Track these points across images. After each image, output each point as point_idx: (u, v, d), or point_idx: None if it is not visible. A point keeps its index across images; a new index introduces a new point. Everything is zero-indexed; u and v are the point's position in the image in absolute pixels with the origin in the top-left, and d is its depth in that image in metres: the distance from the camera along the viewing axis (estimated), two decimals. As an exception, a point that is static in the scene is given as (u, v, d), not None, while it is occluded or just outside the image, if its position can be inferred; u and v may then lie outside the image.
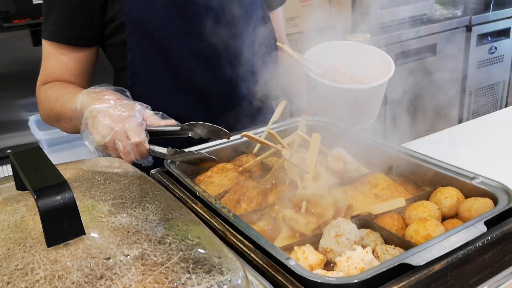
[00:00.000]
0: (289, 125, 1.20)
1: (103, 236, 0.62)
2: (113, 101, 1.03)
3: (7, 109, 2.43)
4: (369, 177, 0.94)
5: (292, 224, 0.80)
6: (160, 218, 0.67)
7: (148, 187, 0.78)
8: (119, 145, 1.00)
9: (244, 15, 1.30)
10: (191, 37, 1.24)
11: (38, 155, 0.69)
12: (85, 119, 1.04)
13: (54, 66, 1.27)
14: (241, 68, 1.32)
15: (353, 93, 1.12)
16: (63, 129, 1.27)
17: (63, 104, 1.17)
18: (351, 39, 3.18)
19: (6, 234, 0.63)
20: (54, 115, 1.22)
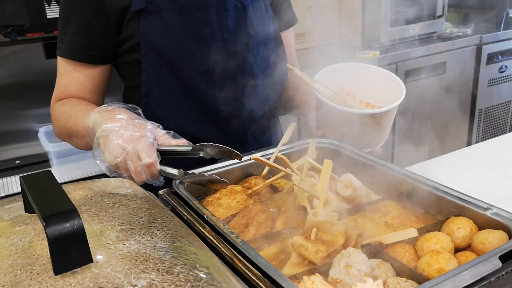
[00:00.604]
0: (298, 147, 1.19)
1: (111, 264, 0.61)
2: (125, 120, 1.03)
3: (18, 119, 2.44)
4: (380, 205, 0.93)
5: (301, 251, 0.79)
6: (168, 246, 0.67)
7: (157, 212, 0.77)
8: (131, 165, 0.99)
9: (257, 37, 1.30)
10: (206, 60, 1.24)
11: (48, 180, 0.69)
12: (97, 138, 1.03)
13: (69, 83, 1.28)
14: (252, 90, 1.32)
15: (363, 117, 1.12)
16: (75, 146, 1.28)
17: (76, 121, 1.17)
18: (360, 56, 3.19)
19: (14, 259, 0.63)
20: (67, 132, 1.23)
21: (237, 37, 1.27)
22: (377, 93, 1.21)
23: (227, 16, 1.25)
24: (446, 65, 3.51)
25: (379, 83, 1.24)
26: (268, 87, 1.36)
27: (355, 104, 1.20)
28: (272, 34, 1.38)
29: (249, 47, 1.30)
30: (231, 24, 1.26)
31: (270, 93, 1.38)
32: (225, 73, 1.27)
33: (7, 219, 0.74)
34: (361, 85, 1.24)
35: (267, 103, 1.39)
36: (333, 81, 1.22)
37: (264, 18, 1.34)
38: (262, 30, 1.33)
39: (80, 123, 1.15)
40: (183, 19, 1.21)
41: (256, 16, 1.31)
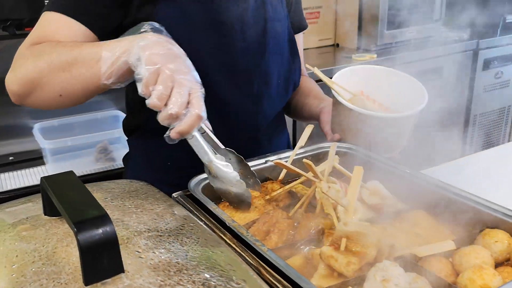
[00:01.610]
0: (313, 151, 1.16)
1: (143, 275, 0.58)
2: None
3: (12, 115, 2.39)
4: (409, 214, 0.90)
5: (331, 263, 0.76)
6: (201, 256, 0.63)
7: (182, 217, 0.73)
8: (178, 99, 0.89)
9: (274, 35, 1.27)
10: (223, 52, 1.20)
11: (72, 181, 0.65)
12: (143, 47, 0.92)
13: (61, 29, 1.08)
14: (267, 87, 1.29)
15: (384, 121, 1.09)
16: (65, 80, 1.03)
17: (93, 46, 1.00)
18: (357, 59, 3.17)
19: (38, 267, 0.59)
20: (64, 62, 1.01)
21: (255, 31, 1.24)
22: (397, 97, 1.19)
23: (247, 8, 1.22)
24: (442, 70, 3.51)
25: (399, 87, 1.21)
26: (282, 87, 1.33)
27: (374, 108, 1.17)
28: (288, 34, 1.35)
29: (266, 43, 1.27)
30: (250, 17, 1.23)
31: (283, 93, 1.35)
32: (241, 67, 1.24)
33: (26, 222, 0.70)
34: (380, 89, 1.21)
35: (281, 103, 1.37)
36: (351, 83, 1.20)
37: (282, 17, 1.32)
38: (279, 29, 1.30)
39: (100, 46, 0.99)
40: (201, 7, 1.17)
41: (275, 13, 1.28)
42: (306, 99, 1.42)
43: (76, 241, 0.54)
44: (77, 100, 1.06)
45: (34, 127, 2.34)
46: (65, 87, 1.03)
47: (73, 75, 1.01)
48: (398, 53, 3.36)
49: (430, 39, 3.56)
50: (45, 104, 1.09)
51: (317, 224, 0.87)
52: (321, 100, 1.37)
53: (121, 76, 0.97)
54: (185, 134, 0.93)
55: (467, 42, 3.60)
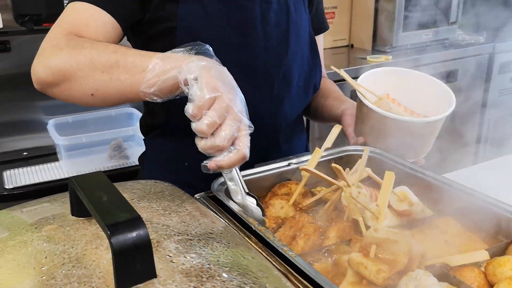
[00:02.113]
0: (336, 154, 1.14)
1: (175, 281, 0.56)
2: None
3: (27, 110, 2.39)
4: (438, 221, 0.89)
5: (360, 270, 0.74)
6: (233, 261, 0.62)
7: (210, 221, 0.72)
8: (227, 131, 0.86)
9: (296, 36, 1.26)
10: (244, 51, 1.19)
11: (102, 182, 0.64)
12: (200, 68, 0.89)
13: (93, 20, 1.06)
14: (287, 88, 1.27)
15: (411, 125, 1.07)
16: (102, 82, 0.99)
17: (139, 54, 0.98)
18: (372, 60, 3.15)
19: (69, 269, 0.58)
20: (105, 63, 0.98)
21: (277, 31, 1.23)
22: (423, 100, 1.17)
23: (269, 8, 1.20)
24: (458, 73, 3.48)
25: (425, 90, 1.19)
26: (302, 89, 1.32)
27: (399, 111, 1.15)
28: (308, 36, 1.34)
29: (288, 44, 1.25)
30: (273, 17, 1.21)
31: (304, 95, 1.33)
32: (262, 67, 1.22)
33: (53, 222, 0.69)
34: (405, 91, 1.19)
35: (301, 105, 1.35)
36: (376, 85, 1.18)
37: (304, 18, 1.30)
38: (301, 30, 1.29)
39: (148, 55, 0.95)
40: (224, 6, 1.16)
41: (297, 14, 1.27)
42: (326, 101, 1.41)
43: (109, 244, 0.53)
44: (107, 103, 1.03)
45: (48, 123, 2.33)
46: (99, 88, 1.00)
47: (112, 78, 0.97)
48: (413, 55, 3.34)
49: (446, 42, 3.53)
50: (72, 98, 1.05)
51: (344, 230, 0.86)
52: (342, 101, 1.36)
53: (164, 89, 0.92)
54: (224, 169, 0.90)
55: (483, 46, 3.57)
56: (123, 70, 0.96)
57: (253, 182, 1.05)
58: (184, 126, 1.08)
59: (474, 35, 3.76)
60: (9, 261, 0.61)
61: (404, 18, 3.27)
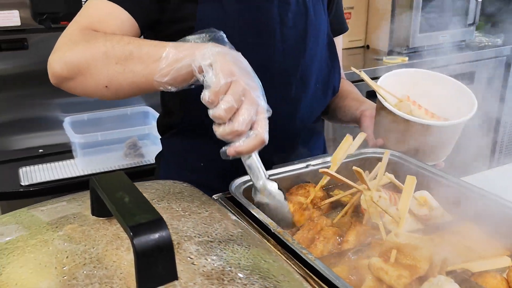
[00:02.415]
0: (357, 156, 1.13)
1: (197, 283, 0.56)
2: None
3: (43, 107, 2.40)
4: (458, 227, 0.88)
5: (380, 275, 0.74)
6: (254, 265, 0.61)
7: (231, 224, 0.72)
8: (245, 115, 0.85)
9: (314, 37, 1.25)
10: (262, 52, 1.19)
11: (124, 182, 0.63)
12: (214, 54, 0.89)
13: (110, 17, 1.07)
14: (305, 90, 1.27)
15: (432, 128, 1.06)
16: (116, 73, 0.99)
17: (152, 44, 0.97)
18: (388, 61, 3.13)
19: (90, 270, 0.58)
20: (119, 55, 0.98)
21: (295, 33, 1.22)
22: (443, 103, 1.16)
23: (288, 10, 1.20)
24: (474, 75, 3.45)
25: (446, 92, 1.18)
26: (320, 91, 1.31)
27: (420, 114, 1.14)
28: (327, 37, 1.33)
29: (306, 46, 1.24)
30: (291, 18, 1.21)
31: (322, 97, 1.33)
32: (280, 70, 1.22)
33: (73, 221, 0.69)
34: (426, 94, 1.18)
35: (319, 107, 1.34)
36: (396, 87, 1.17)
37: (323, 19, 1.29)
38: (320, 31, 1.28)
39: (162, 45, 0.95)
40: (243, 7, 1.15)
41: (316, 16, 1.26)
42: (345, 101, 1.40)
43: (132, 246, 0.52)
44: (121, 94, 1.03)
45: (64, 120, 2.34)
46: (114, 80, 0.99)
47: (126, 70, 0.97)
48: (430, 57, 3.31)
49: (463, 44, 3.50)
50: (86, 91, 1.06)
51: (363, 234, 0.85)
52: (361, 102, 1.34)
53: (178, 78, 0.92)
54: (243, 155, 0.89)
55: (501, 48, 3.54)
56: (137, 61, 0.96)
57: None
58: (200, 126, 1.08)
59: (491, 37, 3.73)
60: (30, 260, 0.61)
61: (421, 19, 3.25)
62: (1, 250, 0.64)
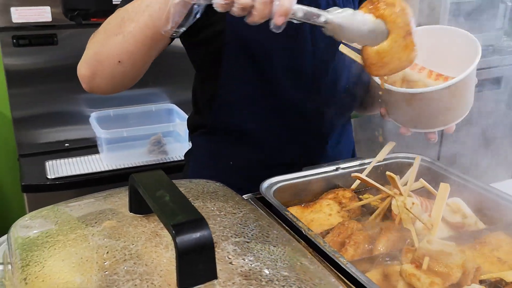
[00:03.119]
0: (387, 160, 1.12)
1: (235, 283, 0.57)
2: None
3: (70, 102, 2.43)
4: (489, 237, 0.87)
5: (412, 281, 0.74)
6: (290, 266, 0.62)
7: (265, 224, 0.72)
8: None
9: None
10: (292, 56, 1.19)
11: (163, 181, 0.64)
12: None
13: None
14: (334, 92, 1.27)
15: (436, 93, 0.96)
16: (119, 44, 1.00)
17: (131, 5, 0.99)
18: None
19: (130, 266, 0.59)
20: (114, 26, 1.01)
21: (325, 36, 1.22)
22: (448, 55, 1.07)
23: None
24: (502, 80, 3.41)
25: (448, 45, 1.09)
26: (350, 94, 1.31)
27: (421, 77, 1.07)
28: None
29: (336, 48, 1.24)
30: None
31: (352, 100, 1.32)
32: (309, 73, 1.22)
33: (112, 218, 0.70)
34: (427, 52, 1.06)
35: (348, 110, 1.34)
36: None
37: None
38: None
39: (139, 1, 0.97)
40: None
41: None
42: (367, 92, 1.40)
43: (174, 244, 0.53)
44: (139, 63, 1.04)
45: (90, 115, 2.37)
46: (121, 50, 1.00)
47: (125, 35, 0.98)
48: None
49: (490, 48, 3.46)
50: (109, 81, 1.08)
51: (394, 239, 0.85)
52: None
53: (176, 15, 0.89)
54: (288, 12, 0.85)
55: (529, 53, 3.49)
56: (129, 21, 0.97)
57: (300, 186, 1.05)
58: (228, 127, 1.09)
59: (519, 41, 3.68)
60: (71, 254, 0.62)
61: (448, 22, 3.22)
62: (42, 243, 0.66)
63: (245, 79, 1.19)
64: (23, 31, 2.21)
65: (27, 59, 2.29)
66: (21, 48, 2.26)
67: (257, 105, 1.22)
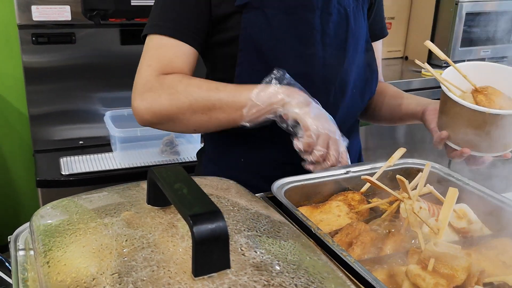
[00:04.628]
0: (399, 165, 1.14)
1: (247, 273, 0.59)
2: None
3: (85, 100, 2.47)
4: (495, 242, 0.89)
5: (417, 282, 0.76)
6: (300, 260, 0.64)
7: (277, 220, 0.75)
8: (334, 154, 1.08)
9: (353, 45, 1.28)
10: (303, 61, 1.22)
11: (181, 175, 0.67)
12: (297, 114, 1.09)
13: (175, 56, 1.19)
14: (343, 96, 1.29)
15: (500, 118, 1.04)
16: (206, 120, 1.15)
17: (231, 94, 1.12)
18: (426, 74, 3.11)
19: (148, 253, 0.62)
20: (202, 106, 1.13)
21: (336, 42, 1.25)
22: (506, 93, 1.14)
23: (329, 20, 1.23)
24: (514, 92, 3.41)
25: (506, 82, 1.15)
26: (357, 97, 1.34)
27: (499, 101, 1.12)
28: (366, 42, 1.36)
29: (346, 53, 1.27)
30: (332, 28, 1.24)
31: (359, 103, 1.35)
32: (320, 78, 1.25)
33: (130, 209, 0.73)
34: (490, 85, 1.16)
35: (355, 113, 1.37)
36: (460, 81, 1.16)
37: (362, 27, 1.32)
38: (359, 39, 1.30)
39: (240, 96, 1.12)
40: (286, 17, 1.19)
41: (356, 24, 1.29)
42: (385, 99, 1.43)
43: (191, 234, 0.56)
44: (208, 132, 1.22)
45: (105, 114, 2.41)
46: (201, 126, 1.17)
47: (211, 118, 1.14)
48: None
49: (505, 60, 3.47)
50: (175, 131, 1.25)
51: (401, 242, 0.87)
52: (413, 98, 1.37)
53: (259, 121, 1.12)
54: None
55: (543, 66, 3.49)
56: (220, 111, 1.13)
57: (311, 187, 1.07)
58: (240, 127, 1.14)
59: (534, 54, 3.68)
60: (92, 241, 0.65)
61: (463, 33, 3.23)
62: (64, 230, 0.69)
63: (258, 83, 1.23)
64: (42, 29, 2.26)
65: (45, 57, 2.34)
66: (39, 46, 2.30)
67: None
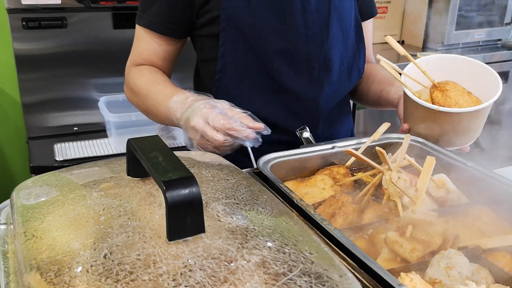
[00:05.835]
0: (382, 141, 1.15)
1: (222, 237, 0.61)
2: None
3: (79, 87, 2.46)
4: (472, 209, 0.90)
5: (395, 248, 0.77)
6: (275, 225, 0.66)
7: (257, 190, 0.76)
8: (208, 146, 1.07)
9: (338, 20, 1.28)
10: (284, 38, 1.23)
11: (159, 144, 0.68)
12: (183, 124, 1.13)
13: (145, 49, 1.32)
14: (329, 75, 1.30)
15: (457, 115, 1.08)
16: (151, 118, 1.33)
17: (154, 105, 1.23)
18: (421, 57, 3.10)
19: (124, 221, 0.63)
20: (144, 109, 1.30)
21: (318, 18, 1.26)
22: (469, 87, 1.16)
23: None
24: (509, 75, 3.41)
25: (471, 76, 1.18)
26: (345, 75, 1.34)
27: (456, 95, 1.14)
28: (353, 20, 1.35)
29: (329, 30, 1.27)
30: (313, 4, 1.25)
31: (346, 80, 1.35)
32: (302, 53, 1.25)
33: (110, 180, 0.74)
34: (453, 79, 1.19)
35: (343, 90, 1.37)
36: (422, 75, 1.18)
37: (348, 3, 1.32)
38: (344, 16, 1.30)
39: (160, 109, 1.20)
40: None
41: (340, 0, 1.29)
42: (372, 85, 1.42)
43: (164, 199, 0.57)
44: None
45: (100, 100, 2.41)
46: (149, 116, 1.32)
47: (152, 118, 1.31)
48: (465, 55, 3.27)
49: (499, 43, 3.47)
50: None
51: (382, 211, 0.88)
52: (396, 88, 1.37)
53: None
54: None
55: (537, 48, 3.49)
56: (153, 115, 1.28)
57: (297, 162, 1.08)
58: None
59: (528, 36, 3.67)
60: (69, 211, 0.66)
61: (458, 17, 3.23)
62: (42, 202, 0.70)
63: (242, 61, 1.24)
64: (32, 13, 2.24)
65: (36, 44, 2.32)
66: (30, 31, 2.28)
67: (255, 87, 1.26)
